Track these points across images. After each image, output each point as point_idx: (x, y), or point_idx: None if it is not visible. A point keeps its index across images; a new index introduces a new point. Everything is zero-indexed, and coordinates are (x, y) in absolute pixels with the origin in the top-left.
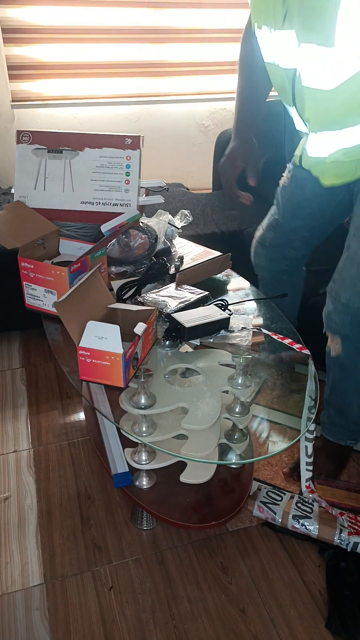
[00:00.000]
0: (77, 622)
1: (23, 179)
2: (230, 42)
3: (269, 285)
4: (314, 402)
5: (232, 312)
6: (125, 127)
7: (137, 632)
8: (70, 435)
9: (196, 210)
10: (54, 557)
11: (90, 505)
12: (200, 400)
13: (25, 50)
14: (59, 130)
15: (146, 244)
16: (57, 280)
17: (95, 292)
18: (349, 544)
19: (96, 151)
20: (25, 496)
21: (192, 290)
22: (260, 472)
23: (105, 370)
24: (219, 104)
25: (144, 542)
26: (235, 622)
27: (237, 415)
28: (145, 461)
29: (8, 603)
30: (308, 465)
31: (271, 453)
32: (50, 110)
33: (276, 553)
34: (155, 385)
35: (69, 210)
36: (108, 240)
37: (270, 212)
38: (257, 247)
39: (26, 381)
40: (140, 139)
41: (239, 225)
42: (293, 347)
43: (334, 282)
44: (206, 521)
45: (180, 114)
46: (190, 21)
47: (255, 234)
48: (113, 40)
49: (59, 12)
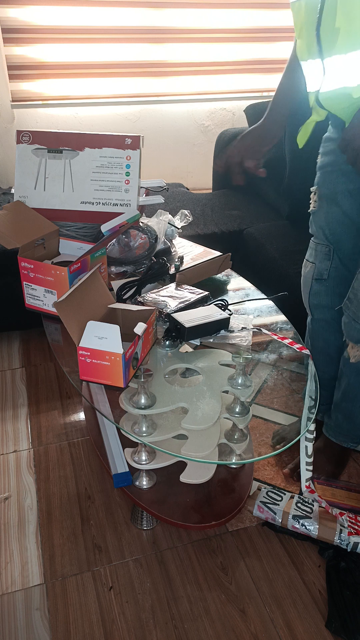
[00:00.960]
0: (77, 622)
1: (23, 179)
2: (230, 42)
3: (331, 326)
4: (314, 402)
5: (232, 312)
6: (125, 127)
7: (137, 632)
8: (70, 435)
9: (196, 210)
10: (54, 557)
11: (90, 505)
12: (200, 400)
13: (25, 50)
14: (59, 130)
15: (146, 244)
16: (57, 280)
17: (95, 292)
18: (349, 544)
19: (96, 151)
20: (25, 496)
21: (192, 290)
22: (260, 472)
23: (105, 370)
24: (219, 104)
25: (144, 542)
26: (235, 622)
27: (237, 415)
28: (145, 461)
29: (8, 603)
30: (308, 465)
31: (271, 453)
32: (50, 110)
33: (276, 553)
34: (155, 385)
35: (69, 210)
36: (108, 240)
37: (312, 245)
38: (313, 285)
39: (26, 381)
40: (140, 139)
41: (239, 225)
42: (293, 347)
43: (350, 302)
44: (206, 521)
45: (180, 114)
46: (190, 21)
47: (302, 271)
48: (113, 40)
49: (59, 12)
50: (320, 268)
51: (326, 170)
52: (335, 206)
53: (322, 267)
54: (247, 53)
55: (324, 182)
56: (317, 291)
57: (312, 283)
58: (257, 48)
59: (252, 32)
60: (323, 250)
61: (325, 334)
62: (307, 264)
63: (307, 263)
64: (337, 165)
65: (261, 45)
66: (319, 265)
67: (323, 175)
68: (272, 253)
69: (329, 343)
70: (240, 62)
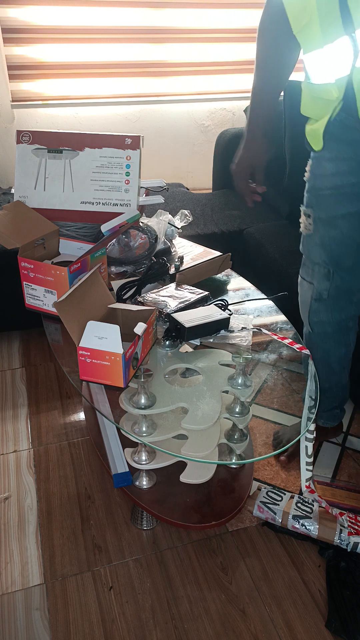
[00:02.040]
0: (77, 622)
1: (23, 179)
2: (230, 42)
3: (331, 338)
4: (314, 402)
5: (232, 312)
6: (125, 127)
7: (137, 632)
8: (70, 435)
9: (196, 210)
10: (54, 557)
11: (90, 505)
12: (200, 400)
13: (25, 50)
14: (59, 130)
15: (146, 244)
16: (57, 280)
17: (95, 292)
18: (349, 544)
19: (96, 151)
20: (25, 496)
21: (192, 290)
22: (260, 472)
23: (105, 370)
24: (219, 104)
25: (144, 542)
26: (235, 622)
27: (237, 415)
28: (145, 461)
29: (8, 603)
30: (308, 465)
31: (271, 453)
32: (50, 110)
33: (276, 553)
34: (155, 385)
35: (69, 210)
36: (108, 240)
37: (307, 264)
38: (312, 305)
39: (26, 381)
40: (140, 139)
41: (239, 225)
42: (293, 347)
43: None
44: (206, 521)
45: (180, 114)
46: (190, 21)
47: (299, 288)
48: (113, 40)
49: (59, 12)
50: (320, 289)
51: (323, 193)
52: (334, 229)
53: (322, 288)
54: (247, 53)
55: (319, 206)
56: (317, 309)
57: (311, 303)
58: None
59: (252, 32)
60: (321, 272)
61: (325, 345)
62: (303, 282)
63: (304, 282)
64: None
65: None
66: (318, 286)
67: (317, 198)
68: (272, 253)
69: (329, 353)
70: (240, 62)
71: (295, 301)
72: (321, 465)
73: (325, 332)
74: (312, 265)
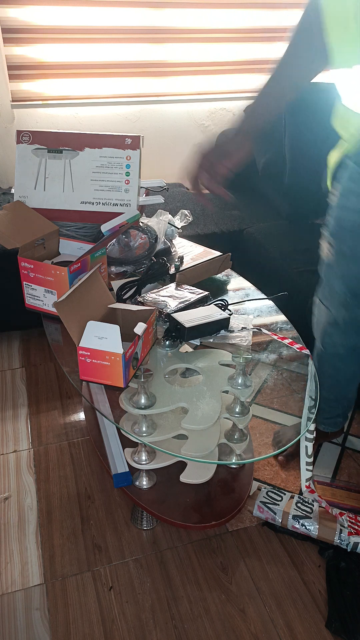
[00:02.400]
0: (77, 622)
1: (23, 179)
2: (230, 42)
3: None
4: (314, 402)
5: (232, 312)
6: (125, 127)
7: (137, 632)
8: (70, 435)
9: (196, 210)
10: (54, 557)
11: (90, 505)
12: (200, 400)
13: (25, 50)
14: (59, 130)
15: (146, 244)
16: (57, 280)
17: (95, 292)
18: (349, 544)
19: (96, 151)
20: (25, 496)
21: (192, 290)
22: (260, 472)
23: (105, 370)
24: (219, 104)
25: (144, 542)
26: (235, 622)
27: (237, 415)
28: (145, 461)
29: (8, 603)
30: (308, 465)
31: (271, 453)
32: (50, 110)
33: (276, 553)
34: (155, 385)
35: (69, 210)
36: (108, 240)
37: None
38: (325, 328)
39: (26, 381)
40: (140, 139)
41: (239, 225)
42: (293, 347)
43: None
44: (206, 521)
45: (180, 114)
46: (190, 21)
47: (314, 309)
48: (113, 40)
49: (59, 12)
50: (337, 316)
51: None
52: (355, 266)
53: (339, 315)
54: (247, 53)
55: (343, 240)
56: (331, 333)
57: (326, 327)
58: (257, 48)
59: (252, 32)
60: (340, 300)
61: (336, 364)
62: (320, 305)
63: (321, 305)
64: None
65: (261, 45)
66: (335, 313)
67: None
68: (272, 253)
69: (338, 370)
70: (240, 62)
71: (295, 301)
72: (321, 465)
73: (338, 353)
74: (330, 292)
